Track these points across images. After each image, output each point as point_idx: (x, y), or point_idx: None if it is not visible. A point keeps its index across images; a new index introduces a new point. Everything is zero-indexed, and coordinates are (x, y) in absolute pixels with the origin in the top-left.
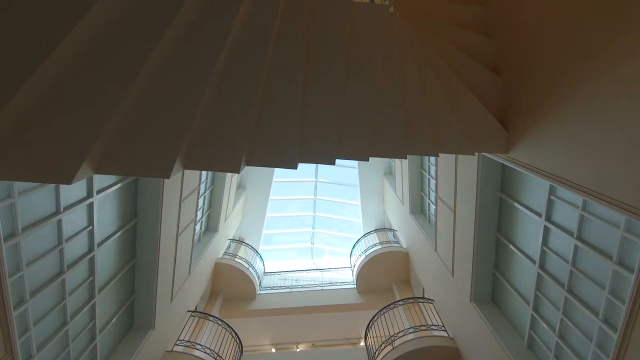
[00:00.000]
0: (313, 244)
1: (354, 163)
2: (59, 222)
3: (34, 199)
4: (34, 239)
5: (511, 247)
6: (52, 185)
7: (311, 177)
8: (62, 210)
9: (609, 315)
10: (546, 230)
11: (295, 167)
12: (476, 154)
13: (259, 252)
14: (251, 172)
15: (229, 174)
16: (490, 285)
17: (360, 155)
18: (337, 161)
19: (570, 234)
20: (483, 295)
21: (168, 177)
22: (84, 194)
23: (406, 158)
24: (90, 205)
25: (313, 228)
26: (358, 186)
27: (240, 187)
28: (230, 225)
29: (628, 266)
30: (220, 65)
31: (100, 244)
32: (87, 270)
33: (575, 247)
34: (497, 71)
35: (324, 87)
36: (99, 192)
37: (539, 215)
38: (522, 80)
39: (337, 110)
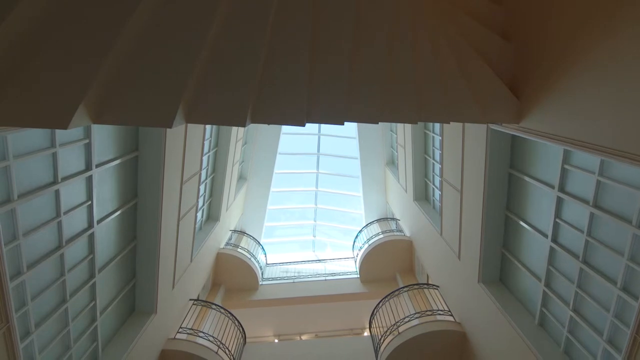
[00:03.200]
0: (315, 236)
1: (357, 153)
2: (57, 193)
3: (31, 164)
4: (30, 207)
5: (521, 223)
6: (49, 152)
7: (312, 169)
8: (59, 180)
9: (629, 283)
10: (559, 202)
11: (303, 125)
12: (485, 130)
13: (260, 243)
14: (252, 163)
15: (230, 162)
16: (499, 265)
17: (370, 118)
18: (338, 154)
19: (586, 202)
20: (491, 276)
21: (170, 127)
22: (83, 167)
23: (417, 123)
24: (89, 179)
25: (315, 220)
26: (360, 177)
27: (241, 178)
28: (231, 215)
29: None
30: (224, 9)
31: (99, 221)
32: (86, 248)
33: (592, 215)
34: (507, 38)
35: (333, 50)
36: (98, 165)
37: (552, 187)
38: (535, 44)
39: (346, 73)
